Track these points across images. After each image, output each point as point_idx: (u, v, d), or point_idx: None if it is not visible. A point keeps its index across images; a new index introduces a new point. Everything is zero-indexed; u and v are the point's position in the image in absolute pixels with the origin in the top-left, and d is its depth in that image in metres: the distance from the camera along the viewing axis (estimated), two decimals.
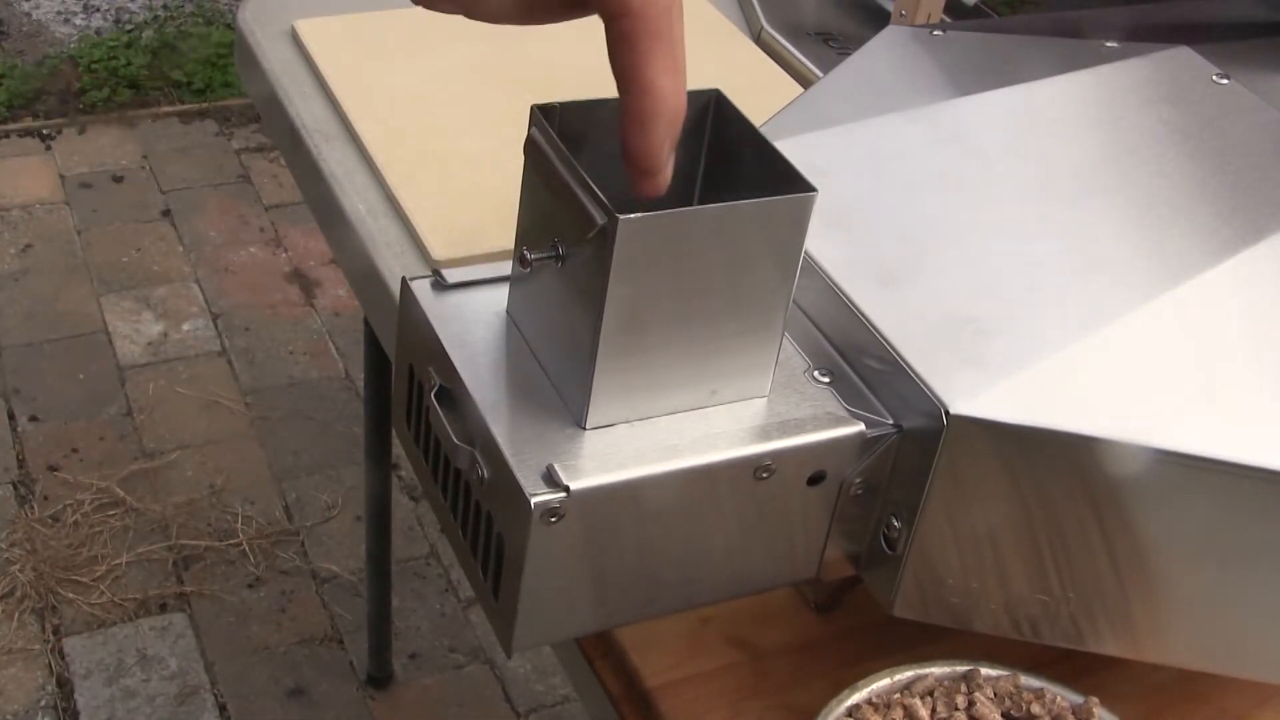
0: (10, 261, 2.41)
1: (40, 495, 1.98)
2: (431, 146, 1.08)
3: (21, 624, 1.82)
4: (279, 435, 2.13)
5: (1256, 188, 0.72)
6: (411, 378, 0.70)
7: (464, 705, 1.78)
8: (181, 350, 2.26)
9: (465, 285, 0.69)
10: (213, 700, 1.75)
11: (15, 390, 2.15)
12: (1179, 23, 0.99)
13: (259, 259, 2.48)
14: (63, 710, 1.72)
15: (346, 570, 1.92)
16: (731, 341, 0.63)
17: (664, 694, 0.73)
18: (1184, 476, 0.61)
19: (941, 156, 0.76)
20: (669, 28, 0.50)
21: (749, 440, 0.62)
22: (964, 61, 0.86)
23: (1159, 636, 0.68)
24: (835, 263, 0.68)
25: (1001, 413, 0.61)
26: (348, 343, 2.31)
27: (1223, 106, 0.79)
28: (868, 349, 0.65)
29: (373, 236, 1.01)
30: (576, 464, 0.60)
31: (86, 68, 2.85)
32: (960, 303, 0.66)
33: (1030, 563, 0.65)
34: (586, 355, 0.60)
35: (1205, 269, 0.67)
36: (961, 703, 0.68)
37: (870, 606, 0.70)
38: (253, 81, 1.25)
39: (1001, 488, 0.63)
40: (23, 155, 2.68)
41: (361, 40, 1.21)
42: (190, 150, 2.75)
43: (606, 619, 0.66)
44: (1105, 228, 0.71)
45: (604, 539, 0.61)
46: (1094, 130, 0.78)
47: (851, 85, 0.84)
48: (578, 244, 0.60)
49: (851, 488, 0.65)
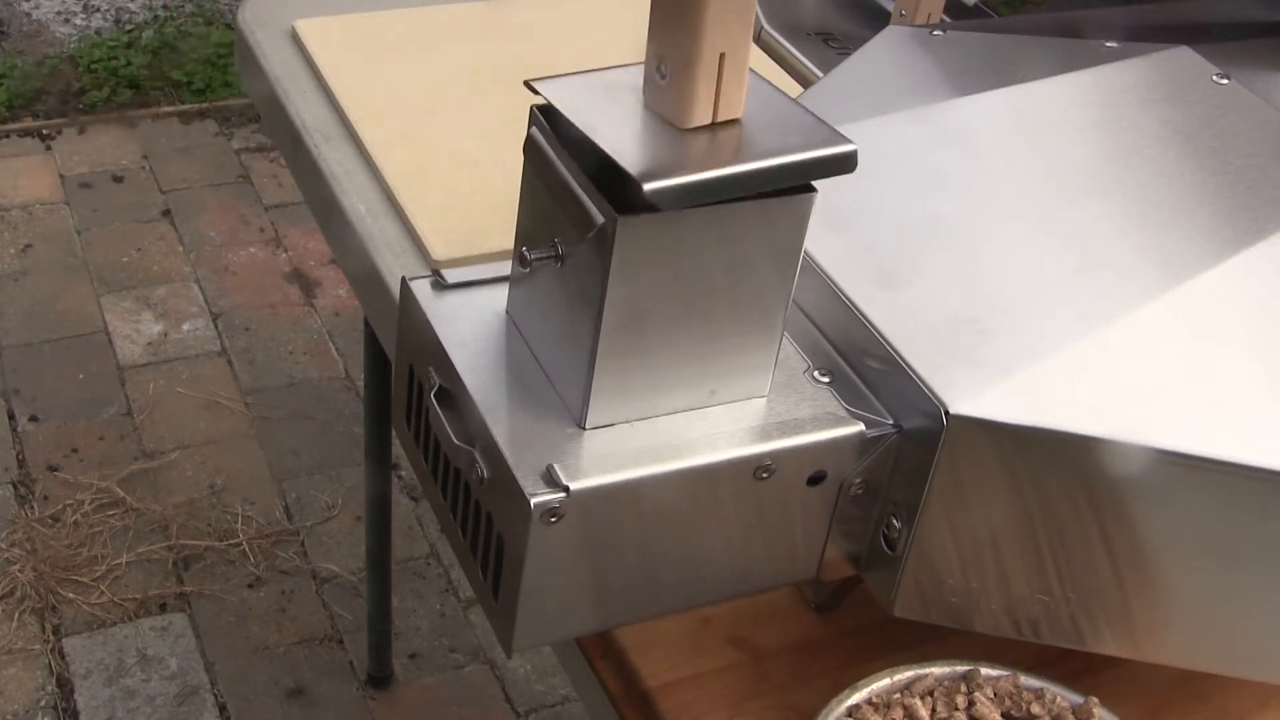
0: (10, 261, 2.41)
1: (40, 495, 1.98)
2: (431, 146, 1.08)
3: (21, 624, 1.81)
4: (279, 435, 2.12)
5: (1256, 188, 0.72)
6: (411, 378, 0.70)
7: (464, 705, 1.78)
8: (181, 350, 2.26)
9: (465, 285, 0.69)
10: (213, 700, 1.75)
11: (15, 390, 2.15)
12: (1179, 23, 0.99)
13: (259, 259, 2.47)
14: (63, 710, 1.72)
15: (346, 570, 1.92)
16: (731, 341, 0.63)
17: (664, 694, 0.73)
18: (1184, 476, 0.61)
19: (941, 156, 0.76)
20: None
21: (749, 440, 0.62)
22: (964, 61, 0.86)
23: (1159, 636, 0.67)
24: (835, 263, 0.68)
25: (1001, 413, 0.61)
26: (348, 343, 2.31)
27: (1223, 106, 0.79)
28: (868, 349, 0.65)
29: (373, 236, 1.01)
30: (576, 464, 0.60)
31: (86, 68, 2.85)
32: (960, 303, 0.66)
33: (1030, 563, 0.65)
34: (586, 355, 0.60)
35: (1205, 269, 0.67)
36: (961, 703, 0.68)
37: (870, 606, 0.70)
38: (253, 81, 1.25)
39: (1001, 488, 0.63)
40: (23, 155, 2.68)
41: (361, 40, 1.21)
42: (190, 150, 2.75)
43: (607, 619, 0.66)
44: (1105, 228, 0.71)
45: (604, 539, 0.61)
46: (1094, 130, 0.78)
47: (851, 85, 0.84)
48: (578, 244, 0.60)
49: (851, 488, 0.65)
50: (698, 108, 0.58)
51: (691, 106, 0.57)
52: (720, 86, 0.57)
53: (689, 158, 0.57)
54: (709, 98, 0.57)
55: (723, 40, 0.56)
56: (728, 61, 0.57)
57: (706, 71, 0.56)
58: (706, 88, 0.57)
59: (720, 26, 0.55)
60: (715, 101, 0.58)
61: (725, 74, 0.57)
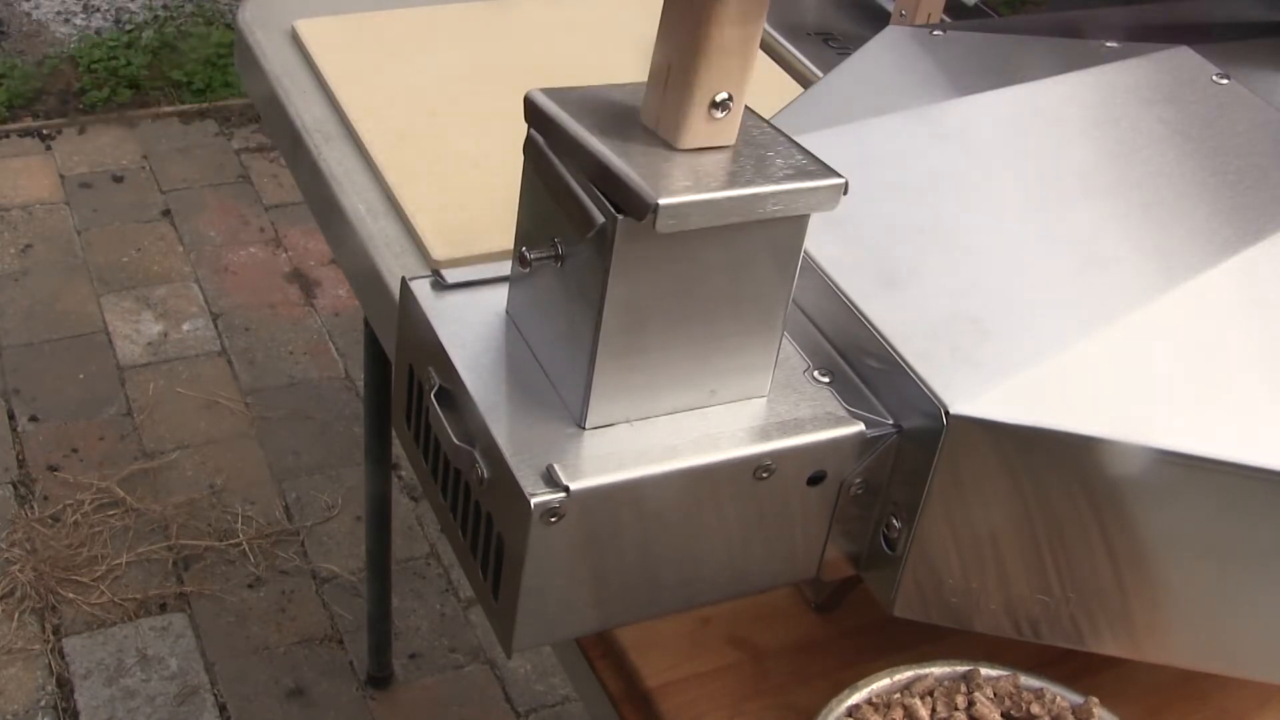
0: (10, 261, 2.41)
1: (40, 495, 1.98)
2: (431, 146, 1.08)
3: (21, 624, 1.81)
4: (279, 435, 2.12)
5: (1256, 188, 0.72)
6: (411, 378, 0.70)
7: (464, 705, 1.78)
8: (181, 350, 2.26)
9: (465, 285, 0.69)
10: (213, 700, 1.75)
11: (15, 390, 2.15)
12: (1179, 23, 0.99)
13: (259, 259, 2.48)
14: (63, 710, 1.72)
15: (346, 570, 1.92)
16: (731, 341, 0.63)
17: (664, 694, 0.73)
18: (1184, 476, 0.61)
19: (941, 156, 0.76)
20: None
21: (749, 440, 0.62)
22: (964, 61, 0.86)
23: (1159, 636, 0.67)
24: (835, 263, 0.68)
25: (1001, 413, 0.61)
26: (348, 343, 2.31)
27: (1223, 106, 0.79)
28: (868, 349, 0.65)
29: (373, 236, 1.01)
30: (576, 464, 0.60)
31: (86, 68, 2.85)
32: (960, 303, 0.66)
33: (1030, 563, 0.65)
34: (586, 355, 0.60)
35: (1205, 269, 0.67)
36: (961, 703, 0.68)
37: (870, 606, 0.70)
38: (253, 81, 1.25)
39: (1001, 488, 0.63)
40: (23, 155, 2.68)
41: (361, 40, 1.21)
42: (190, 150, 2.75)
43: (607, 619, 0.66)
44: (1105, 228, 0.71)
45: (604, 539, 0.61)
46: (1094, 130, 0.78)
47: (851, 85, 0.84)
48: (578, 244, 0.60)
49: (851, 488, 0.65)
50: (692, 132, 0.58)
51: (686, 130, 0.58)
52: (717, 118, 0.58)
53: (685, 179, 0.57)
54: (705, 124, 0.58)
55: (721, 82, 0.57)
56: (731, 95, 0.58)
57: (702, 99, 0.57)
58: (702, 114, 0.58)
59: (720, 69, 0.57)
60: (710, 129, 0.58)
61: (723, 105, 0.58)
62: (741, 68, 0.58)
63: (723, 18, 0.56)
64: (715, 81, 0.57)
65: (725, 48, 0.56)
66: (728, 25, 0.56)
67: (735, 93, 0.58)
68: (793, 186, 0.59)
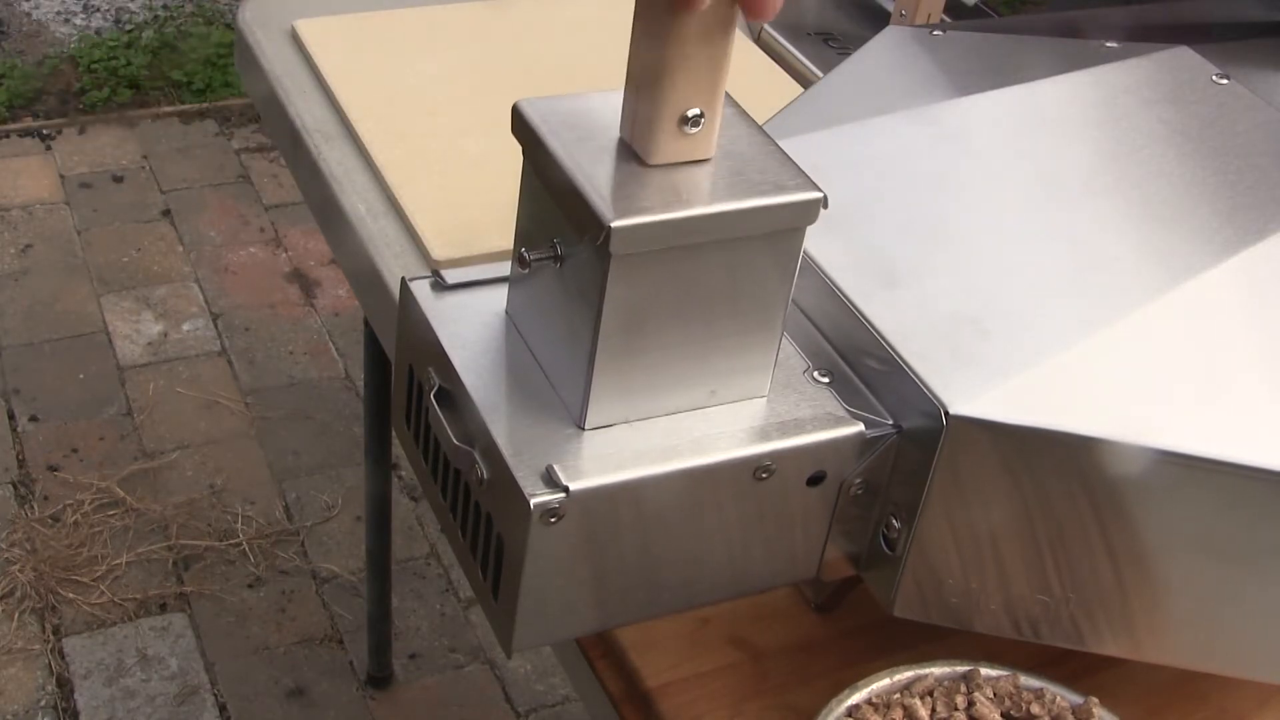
0: (10, 261, 2.41)
1: (40, 495, 1.98)
2: (431, 146, 1.08)
3: (21, 624, 1.81)
4: (279, 435, 2.12)
5: (1256, 188, 0.72)
6: (411, 378, 0.70)
7: (464, 705, 1.78)
8: (181, 350, 2.26)
9: (465, 286, 0.69)
10: (213, 700, 1.75)
11: (15, 390, 2.15)
12: (1179, 23, 0.99)
13: (259, 259, 2.47)
14: (63, 710, 1.72)
15: (346, 570, 1.92)
16: (730, 342, 0.63)
17: (664, 694, 0.73)
18: (1184, 476, 0.61)
19: (942, 156, 0.76)
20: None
21: (749, 440, 0.62)
22: (964, 61, 0.86)
23: (1159, 636, 0.67)
24: (835, 263, 0.68)
25: (1001, 413, 0.61)
26: (348, 343, 2.31)
27: (1223, 106, 0.79)
28: (867, 349, 0.65)
29: (373, 236, 1.01)
30: (576, 464, 0.60)
31: (86, 68, 2.85)
32: (960, 303, 0.66)
33: (1030, 563, 0.65)
34: (585, 355, 0.60)
35: (1205, 269, 0.67)
36: (961, 703, 0.68)
37: (870, 606, 0.70)
38: (253, 81, 1.25)
39: (1001, 488, 0.63)
40: (23, 155, 2.68)
41: (361, 40, 1.21)
42: (190, 150, 2.75)
43: (606, 619, 0.66)
44: (1105, 228, 0.71)
45: (604, 539, 0.61)
46: (1094, 130, 0.78)
47: (851, 85, 0.84)
48: (577, 244, 0.60)
49: (851, 488, 0.65)
50: (663, 148, 0.58)
51: (657, 146, 0.58)
52: (689, 133, 0.58)
53: (650, 198, 0.57)
54: (676, 140, 0.58)
55: (689, 99, 0.57)
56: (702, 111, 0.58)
57: (670, 115, 0.57)
58: (672, 130, 0.58)
59: (688, 86, 0.56)
60: (682, 144, 0.58)
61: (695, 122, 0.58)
62: (711, 84, 0.57)
63: (683, 36, 0.55)
64: (682, 99, 0.57)
65: (689, 66, 0.56)
66: (690, 44, 0.55)
67: (707, 108, 0.58)
68: (765, 202, 0.58)
